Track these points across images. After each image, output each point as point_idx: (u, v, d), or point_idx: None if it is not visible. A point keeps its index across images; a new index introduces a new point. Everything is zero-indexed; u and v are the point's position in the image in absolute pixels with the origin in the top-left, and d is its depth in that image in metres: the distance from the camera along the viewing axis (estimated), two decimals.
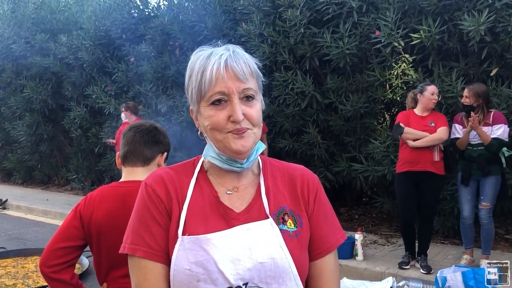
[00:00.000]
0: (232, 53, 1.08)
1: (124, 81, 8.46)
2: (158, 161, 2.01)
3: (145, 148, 1.98)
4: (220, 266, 1.03)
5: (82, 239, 1.89)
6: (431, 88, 4.65)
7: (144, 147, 1.98)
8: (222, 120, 1.06)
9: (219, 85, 1.05)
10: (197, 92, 1.08)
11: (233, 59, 1.07)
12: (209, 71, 1.06)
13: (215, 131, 1.08)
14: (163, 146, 2.03)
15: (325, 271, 1.16)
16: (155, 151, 2.00)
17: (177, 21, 7.57)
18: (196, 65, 1.09)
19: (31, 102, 10.03)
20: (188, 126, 7.28)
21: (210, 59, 1.07)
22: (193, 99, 1.11)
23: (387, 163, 5.68)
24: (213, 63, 1.06)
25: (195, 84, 1.08)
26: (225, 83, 1.05)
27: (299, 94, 6.29)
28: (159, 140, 2.01)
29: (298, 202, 1.16)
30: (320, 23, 6.26)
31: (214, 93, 1.06)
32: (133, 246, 1.09)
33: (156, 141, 2.01)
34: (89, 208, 1.89)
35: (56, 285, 1.87)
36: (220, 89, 1.06)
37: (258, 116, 1.10)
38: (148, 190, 1.12)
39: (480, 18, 4.84)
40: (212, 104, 1.07)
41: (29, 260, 5.47)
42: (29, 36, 9.88)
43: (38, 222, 7.81)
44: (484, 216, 4.47)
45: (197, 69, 1.08)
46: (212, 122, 1.08)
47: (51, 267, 1.85)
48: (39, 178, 11.13)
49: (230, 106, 1.06)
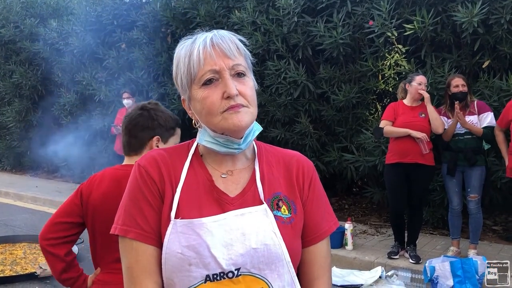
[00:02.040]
0: (217, 33, 1.08)
1: (115, 67, 8.37)
2: (151, 146, 1.96)
3: (131, 138, 1.96)
4: (213, 250, 1.02)
5: (80, 216, 1.91)
6: (419, 78, 4.65)
7: (130, 137, 1.96)
8: (216, 99, 1.04)
9: (208, 63, 1.04)
10: (187, 76, 1.07)
11: (218, 37, 1.06)
12: (196, 52, 1.05)
13: (210, 115, 1.06)
14: (151, 130, 1.96)
15: (317, 257, 1.16)
16: (142, 138, 1.95)
17: (169, 7, 7.50)
18: (182, 51, 1.08)
19: (20, 88, 9.92)
20: (180, 114, 7.19)
21: (195, 43, 1.07)
22: (184, 86, 1.09)
23: (378, 153, 5.70)
24: (199, 45, 1.05)
25: (184, 69, 1.07)
26: (214, 60, 1.04)
27: (291, 84, 6.27)
28: (144, 126, 1.95)
29: (293, 188, 1.16)
30: (313, 12, 6.22)
31: (205, 72, 1.05)
32: (124, 228, 1.07)
33: (142, 128, 1.95)
34: (89, 187, 1.91)
35: (49, 259, 1.89)
36: (210, 67, 1.04)
37: (253, 94, 1.09)
38: (141, 171, 1.10)
39: (473, 9, 4.84)
40: (204, 84, 1.06)
41: (17, 246, 5.44)
42: (18, 20, 9.74)
43: (27, 209, 7.76)
44: (473, 207, 4.52)
45: (184, 54, 1.08)
46: (207, 103, 1.05)
47: (48, 239, 1.87)
48: (28, 164, 11.05)
49: (222, 83, 1.05)
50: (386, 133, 4.69)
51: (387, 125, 4.68)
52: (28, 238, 5.69)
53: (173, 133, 2.04)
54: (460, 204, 4.61)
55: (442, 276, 4.07)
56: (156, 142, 1.96)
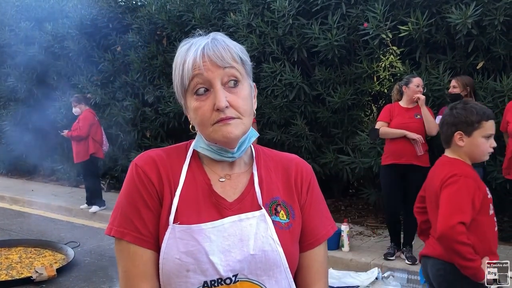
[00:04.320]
0: (210, 41, 1.06)
1: (111, 70, 8.37)
2: (454, 140, 2.29)
3: (442, 134, 2.38)
4: (211, 257, 1.02)
5: None
6: (416, 80, 4.67)
7: (441, 133, 2.40)
8: (207, 111, 1.04)
9: (197, 75, 1.04)
10: (181, 85, 1.07)
11: (210, 46, 1.05)
12: (187, 63, 1.04)
13: (202, 126, 1.07)
14: (452, 126, 2.30)
15: (314, 262, 1.16)
16: (447, 134, 2.35)
17: (165, 10, 7.49)
18: (178, 58, 1.08)
19: (16, 92, 9.88)
20: (175, 116, 7.23)
21: (189, 51, 1.06)
22: (179, 93, 1.10)
23: (374, 155, 5.71)
24: (191, 55, 1.05)
25: (178, 78, 1.07)
26: (202, 72, 1.03)
27: (287, 86, 6.28)
28: (447, 123, 2.33)
29: (291, 193, 1.15)
30: (308, 14, 6.24)
31: (196, 84, 1.05)
32: (121, 229, 1.06)
33: (446, 125, 2.36)
34: None
35: None
36: (199, 79, 1.04)
37: (245, 104, 1.07)
38: (138, 172, 1.09)
39: (467, 11, 4.87)
40: (196, 94, 1.06)
41: (13, 251, 5.42)
42: (13, 24, 9.70)
43: (23, 212, 7.72)
44: None
45: (179, 62, 1.07)
46: (198, 114, 1.06)
47: None
48: (24, 168, 10.99)
49: (213, 94, 1.04)
50: (382, 134, 4.70)
51: (382, 126, 4.69)
52: (24, 242, 5.66)
53: (477, 127, 2.20)
54: None
55: None
56: (459, 137, 2.21)
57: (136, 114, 8.07)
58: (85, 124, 6.90)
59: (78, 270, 4.91)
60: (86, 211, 7.19)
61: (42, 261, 5.10)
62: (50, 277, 4.52)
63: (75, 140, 7.00)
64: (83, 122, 6.93)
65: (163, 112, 7.45)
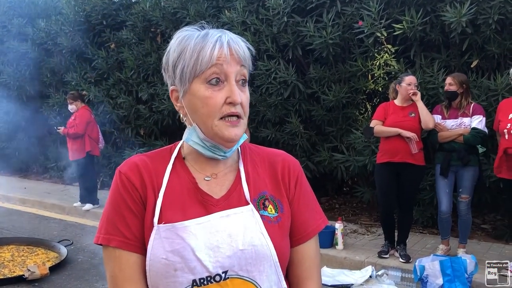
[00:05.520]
0: (229, 34, 1.06)
1: (104, 68, 8.32)
2: None
3: None
4: (198, 253, 1.01)
5: None
6: (408, 78, 4.67)
7: None
8: (219, 102, 1.03)
9: (216, 65, 1.02)
10: (192, 70, 1.03)
11: (234, 41, 1.05)
12: (210, 50, 1.02)
13: (208, 116, 1.04)
14: None
15: (306, 257, 1.15)
16: None
17: (159, 7, 7.46)
18: (191, 43, 1.04)
19: (8, 89, 9.80)
20: (170, 114, 7.21)
21: (208, 39, 1.03)
22: (184, 78, 1.05)
23: (368, 153, 5.72)
24: (214, 43, 1.02)
25: (189, 62, 1.03)
26: (226, 64, 1.02)
27: (281, 84, 6.27)
28: None
29: (279, 187, 1.14)
30: (303, 12, 6.23)
31: (212, 73, 1.02)
32: (107, 236, 1.06)
33: None
34: None
35: None
36: (217, 69, 1.02)
37: (248, 105, 1.09)
38: (122, 178, 1.09)
39: (461, 10, 4.88)
40: (208, 83, 1.03)
41: (5, 249, 5.38)
42: (5, 20, 9.63)
43: (15, 210, 7.67)
44: (463, 208, 4.53)
45: (193, 47, 1.03)
46: (209, 104, 1.03)
47: None
48: (17, 166, 10.93)
49: (227, 87, 1.04)
50: (376, 132, 4.71)
51: (377, 125, 4.70)
52: (16, 240, 5.62)
53: None
54: (449, 208, 4.59)
55: (432, 275, 4.09)
56: None
57: (130, 111, 8.04)
58: (82, 121, 6.86)
59: (71, 268, 4.88)
60: (79, 209, 7.16)
61: (35, 259, 5.06)
62: (42, 276, 4.49)
63: (71, 138, 6.95)
64: (80, 119, 6.89)
65: (157, 109, 7.42)
